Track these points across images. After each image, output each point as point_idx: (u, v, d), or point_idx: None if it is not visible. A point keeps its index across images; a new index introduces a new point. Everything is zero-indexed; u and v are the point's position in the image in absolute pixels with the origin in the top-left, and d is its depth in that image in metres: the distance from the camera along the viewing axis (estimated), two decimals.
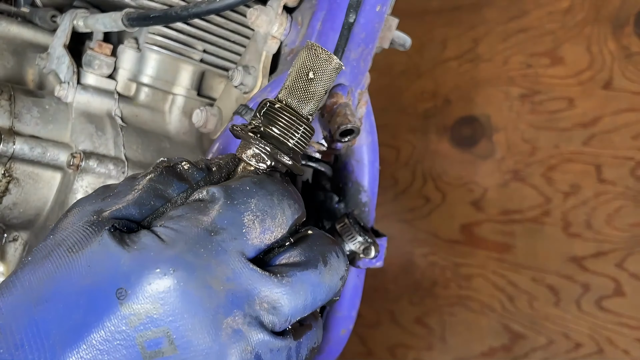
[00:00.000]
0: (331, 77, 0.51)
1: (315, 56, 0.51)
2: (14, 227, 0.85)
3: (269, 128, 0.49)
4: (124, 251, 0.40)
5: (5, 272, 0.87)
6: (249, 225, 0.43)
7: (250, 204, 0.43)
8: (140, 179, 0.47)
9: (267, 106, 0.50)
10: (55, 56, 0.86)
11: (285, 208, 0.45)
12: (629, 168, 1.21)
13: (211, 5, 0.75)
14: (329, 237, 0.48)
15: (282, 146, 0.49)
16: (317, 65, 0.51)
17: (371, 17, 0.78)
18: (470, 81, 1.50)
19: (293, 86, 0.51)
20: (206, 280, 0.40)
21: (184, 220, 0.42)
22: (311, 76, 0.51)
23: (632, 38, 1.23)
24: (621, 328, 1.20)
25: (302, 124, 0.50)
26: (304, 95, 0.51)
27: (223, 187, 0.44)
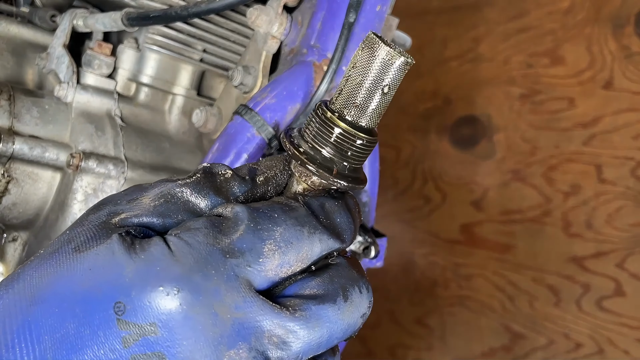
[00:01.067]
0: (400, 78, 0.43)
1: (380, 60, 0.42)
2: (14, 227, 0.84)
3: (322, 145, 0.43)
4: (130, 259, 0.38)
5: (5, 272, 0.87)
6: (268, 254, 0.39)
7: (276, 232, 0.40)
8: (174, 185, 0.43)
9: (323, 116, 0.44)
10: (55, 56, 0.86)
11: (315, 242, 0.41)
12: (629, 168, 1.21)
13: (211, 5, 0.74)
14: (355, 269, 0.44)
15: (338, 163, 0.44)
16: (385, 70, 0.42)
17: (371, 16, 0.78)
18: (470, 81, 1.50)
19: (354, 93, 0.43)
20: (212, 306, 0.37)
21: (200, 234, 0.39)
22: (383, 88, 0.43)
23: (633, 38, 1.23)
24: (621, 328, 1.20)
25: (361, 136, 0.43)
26: (367, 107, 0.43)
27: (249, 209, 0.40)
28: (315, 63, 0.79)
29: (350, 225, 0.44)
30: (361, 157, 0.45)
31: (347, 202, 0.46)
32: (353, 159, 0.44)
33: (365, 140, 0.44)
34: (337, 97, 0.44)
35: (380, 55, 0.42)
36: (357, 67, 0.42)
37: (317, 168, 0.43)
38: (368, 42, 0.42)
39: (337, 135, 0.43)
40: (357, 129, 0.43)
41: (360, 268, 0.45)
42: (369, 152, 0.45)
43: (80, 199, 0.78)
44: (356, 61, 0.43)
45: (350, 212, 0.45)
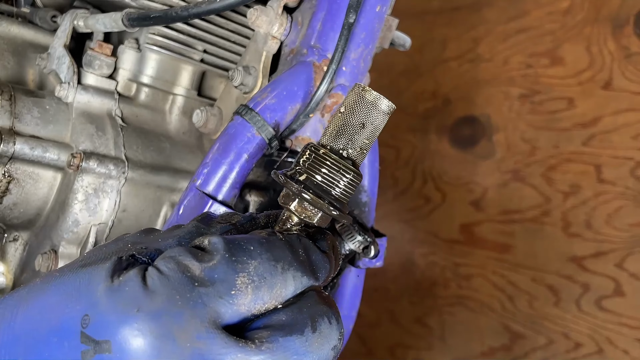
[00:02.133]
0: (383, 122, 0.48)
1: (367, 103, 0.47)
2: (15, 227, 0.85)
3: (312, 176, 0.47)
4: (108, 278, 0.38)
5: (5, 272, 0.87)
6: (240, 288, 0.38)
7: (250, 265, 0.39)
8: (185, 225, 0.46)
9: (311, 152, 0.47)
10: (56, 56, 0.86)
11: (288, 280, 0.41)
12: (629, 168, 1.21)
13: (211, 6, 0.75)
14: (325, 301, 0.43)
15: (326, 195, 0.46)
16: (368, 112, 0.47)
17: (371, 17, 0.78)
18: (470, 81, 1.50)
19: (340, 132, 0.48)
20: (172, 331, 0.36)
21: (173, 262, 0.39)
22: (363, 123, 0.47)
23: (632, 38, 1.23)
24: (621, 328, 1.20)
25: (349, 171, 0.47)
26: (352, 142, 0.47)
27: (226, 240, 0.40)
28: (315, 63, 0.80)
29: (325, 265, 0.44)
30: (349, 190, 0.48)
31: (327, 241, 0.47)
32: (341, 190, 0.47)
33: (354, 174, 0.47)
34: (328, 138, 0.48)
35: (378, 105, 0.47)
36: (352, 111, 0.47)
37: (309, 195, 0.46)
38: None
39: (311, 154, 0.47)
40: (332, 151, 0.47)
41: (331, 300, 0.44)
42: (355, 187, 0.48)
43: (81, 199, 0.78)
44: (350, 106, 0.47)
45: (328, 252, 0.46)
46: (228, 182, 0.74)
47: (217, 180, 0.74)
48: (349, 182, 0.47)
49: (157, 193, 0.85)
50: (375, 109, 0.47)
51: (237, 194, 0.75)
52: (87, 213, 0.79)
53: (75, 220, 0.79)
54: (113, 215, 0.81)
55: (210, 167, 0.74)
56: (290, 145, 0.81)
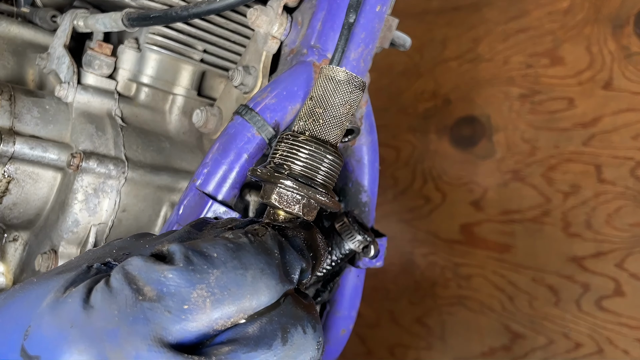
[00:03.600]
0: (354, 98, 0.46)
1: (331, 79, 0.45)
2: (14, 227, 0.85)
3: (291, 164, 0.44)
4: (58, 294, 0.35)
5: (5, 272, 0.87)
6: (196, 302, 0.34)
7: (211, 275, 0.35)
8: (178, 230, 0.43)
9: (287, 139, 0.45)
10: (56, 56, 0.86)
11: (261, 289, 0.36)
12: (629, 168, 1.21)
13: (211, 5, 0.75)
14: (302, 306, 0.39)
15: (310, 182, 0.44)
16: (334, 89, 0.45)
17: (371, 17, 0.78)
18: (470, 81, 1.50)
19: (311, 114, 0.46)
20: (104, 350, 0.32)
21: (122, 273, 0.35)
22: (333, 101, 0.45)
23: (632, 38, 1.23)
24: (621, 328, 1.20)
25: (329, 152, 0.45)
26: (325, 123, 0.45)
27: (186, 247, 0.36)
28: (315, 63, 0.79)
29: (300, 263, 0.40)
30: (333, 172, 0.45)
31: (299, 235, 0.42)
32: (310, 165, 0.45)
33: (334, 154, 0.45)
34: (300, 124, 0.46)
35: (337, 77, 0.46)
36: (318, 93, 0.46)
37: (293, 182, 0.43)
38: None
39: (288, 140, 0.45)
40: (311, 136, 0.45)
41: (308, 305, 0.40)
42: (338, 169, 0.46)
43: (80, 199, 0.78)
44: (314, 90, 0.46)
45: (303, 247, 0.41)
46: (228, 182, 0.74)
47: (217, 180, 0.74)
48: (330, 164, 0.45)
49: (157, 193, 0.85)
50: (340, 84, 0.45)
51: (237, 194, 0.75)
52: (87, 213, 0.79)
53: (75, 220, 0.79)
54: (113, 215, 0.81)
55: (210, 167, 0.74)
56: None
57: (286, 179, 0.43)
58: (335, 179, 0.45)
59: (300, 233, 0.42)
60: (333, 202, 0.44)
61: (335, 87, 0.45)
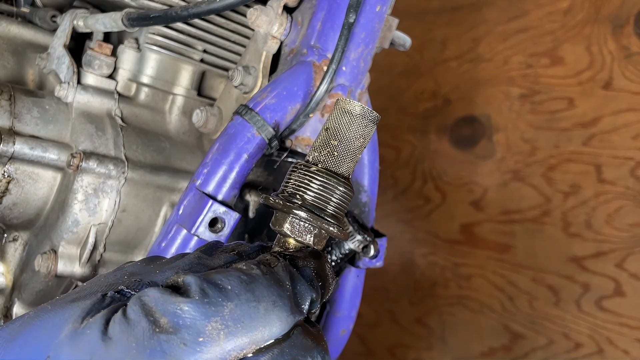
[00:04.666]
0: (368, 132, 0.46)
1: (347, 112, 0.46)
2: (14, 227, 0.85)
3: (303, 194, 0.45)
4: (79, 319, 0.36)
5: (5, 272, 0.87)
6: (210, 334, 0.35)
7: (225, 308, 0.36)
8: (188, 254, 0.43)
9: (301, 169, 0.46)
10: (56, 56, 0.86)
11: (273, 321, 0.37)
12: (629, 168, 1.21)
13: (211, 5, 0.75)
14: (312, 337, 0.40)
15: (321, 213, 0.45)
16: (349, 123, 0.46)
17: (371, 17, 0.78)
18: (470, 81, 1.50)
19: (325, 146, 0.46)
20: None
21: (140, 305, 0.36)
22: (348, 134, 0.46)
23: (632, 38, 1.23)
24: (621, 328, 1.20)
25: (340, 184, 0.45)
26: (339, 155, 0.46)
27: (201, 279, 0.37)
28: (315, 63, 0.79)
29: (310, 294, 0.41)
30: (343, 203, 0.46)
31: (309, 265, 0.43)
32: (334, 206, 0.45)
33: (345, 186, 0.46)
34: (314, 154, 0.46)
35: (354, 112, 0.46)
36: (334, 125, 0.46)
37: (303, 212, 0.44)
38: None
39: (301, 171, 0.45)
40: (324, 168, 0.45)
41: (319, 336, 0.41)
42: (349, 200, 0.46)
43: (80, 199, 0.78)
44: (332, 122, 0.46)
45: (313, 277, 0.42)
46: (228, 182, 0.74)
47: (217, 180, 0.73)
48: (342, 195, 0.46)
49: (157, 193, 0.85)
50: (355, 118, 0.45)
51: (237, 194, 0.75)
52: (87, 213, 0.79)
53: (75, 220, 0.79)
54: (113, 215, 0.81)
55: (210, 167, 0.74)
56: (290, 145, 0.81)
57: (299, 209, 0.45)
58: (345, 209, 0.47)
59: (310, 263, 0.43)
60: (344, 233, 0.46)
61: (350, 120, 0.45)
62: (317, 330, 0.42)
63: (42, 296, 0.85)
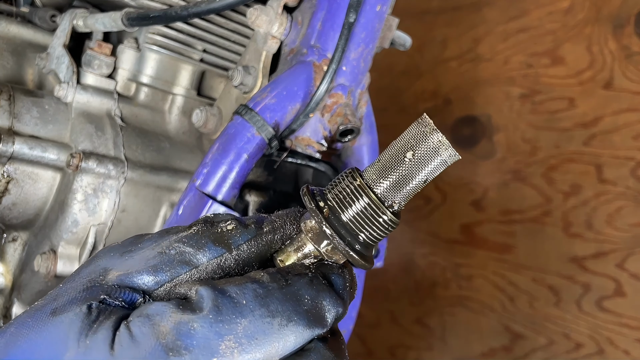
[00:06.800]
0: (437, 169, 0.40)
1: (429, 142, 0.39)
2: (14, 227, 0.84)
3: (343, 210, 0.40)
4: (75, 344, 0.34)
5: (4, 272, 0.87)
6: (224, 353, 0.34)
7: (239, 325, 0.34)
8: (171, 239, 0.40)
9: (347, 180, 0.41)
10: (55, 56, 0.86)
11: (287, 336, 0.35)
12: (630, 168, 1.21)
13: (211, 5, 0.74)
14: (334, 352, 0.38)
15: (350, 236, 0.40)
16: (428, 152, 0.39)
17: (371, 16, 0.78)
18: (470, 81, 1.50)
19: (387, 168, 0.41)
20: None
21: (148, 324, 0.34)
22: (419, 174, 0.40)
23: (633, 38, 1.22)
24: (621, 328, 1.20)
25: (383, 215, 0.40)
26: (398, 183, 0.40)
27: (215, 292, 0.35)
28: (315, 63, 0.79)
29: (337, 308, 0.39)
30: (379, 235, 0.41)
31: (344, 276, 0.41)
32: (370, 233, 0.41)
33: (389, 219, 0.41)
34: (375, 171, 0.41)
35: (442, 156, 0.39)
36: (415, 156, 0.40)
37: (332, 231, 0.40)
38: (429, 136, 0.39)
39: (365, 204, 0.40)
40: (385, 205, 0.40)
41: (340, 349, 0.39)
42: (387, 233, 0.42)
43: (80, 199, 0.78)
44: (412, 145, 0.40)
45: (345, 289, 0.40)
46: (228, 182, 0.74)
47: (216, 180, 0.73)
48: (381, 227, 0.40)
49: (157, 193, 0.85)
50: (439, 156, 0.39)
51: (236, 194, 0.75)
52: (87, 213, 0.79)
53: (74, 220, 0.79)
54: (112, 215, 0.81)
55: (210, 167, 0.74)
56: (290, 145, 0.80)
57: (329, 227, 0.40)
58: (381, 238, 0.42)
59: (340, 273, 0.41)
60: (368, 266, 0.42)
61: (433, 160, 0.40)
62: (339, 339, 0.40)
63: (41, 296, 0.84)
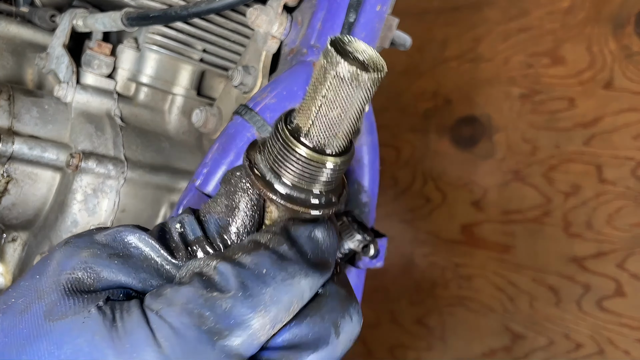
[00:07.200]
0: (353, 96, 0.34)
1: (335, 63, 0.33)
2: (13, 227, 0.84)
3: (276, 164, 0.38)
4: (112, 346, 0.34)
5: (4, 272, 0.87)
6: (257, 323, 0.36)
7: (265, 295, 0.36)
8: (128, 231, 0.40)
9: (277, 128, 0.38)
10: (55, 56, 0.86)
11: (305, 291, 0.37)
12: (630, 168, 1.21)
13: (211, 5, 0.74)
14: (344, 295, 0.40)
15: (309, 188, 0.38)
16: (331, 79, 0.34)
17: (371, 16, 0.78)
18: (470, 81, 1.50)
19: (303, 104, 0.37)
20: None
21: (185, 314, 0.35)
22: (323, 93, 0.35)
23: (633, 38, 1.22)
24: (622, 328, 1.20)
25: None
26: (318, 119, 0.36)
27: (236, 269, 0.36)
28: (315, 63, 0.79)
29: (335, 249, 0.41)
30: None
31: (330, 224, 0.42)
32: (326, 183, 0.39)
33: (336, 163, 0.38)
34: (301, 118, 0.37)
35: (341, 74, 0.34)
36: (322, 89, 0.35)
37: (291, 204, 0.38)
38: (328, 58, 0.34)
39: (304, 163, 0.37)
40: (324, 154, 0.37)
41: (349, 286, 0.41)
42: (342, 172, 0.40)
43: (79, 199, 0.78)
44: (318, 81, 0.35)
45: (334, 234, 0.41)
46: None
47: (216, 180, 0.73)
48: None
49: (157, 193, 0.84)
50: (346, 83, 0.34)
51: None
52: (86, 213, 0.79)
53: (74, 220, 0.78)
54: (112, 215, 0.81)
55: (210, 167, 0.74)
56: None
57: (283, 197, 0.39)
58: (341, 175, 0.41)
59: (327, 226, 0.41)
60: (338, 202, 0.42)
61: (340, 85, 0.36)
62: (343, 276, 0.42)
63: None
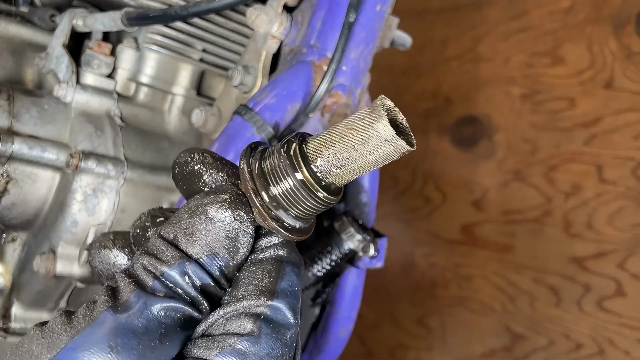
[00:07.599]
0: (382, 157, 0.37)
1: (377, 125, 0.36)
2: (13, 227, 0.84)
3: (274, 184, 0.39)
4: None
5: (4, 273, 0.86)
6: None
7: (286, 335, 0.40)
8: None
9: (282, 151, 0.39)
10: (54, 56, 0.86)
11: None
12: (630, 168, 1.21)
13: (211, 5, 0.74)
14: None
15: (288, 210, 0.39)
16: (373, 135, 0.36)
17: (371, 16, 0.77)
18: (470, 81, 1.50)
19: (328, 139, 0.37)
20: None
21: (235, 356, 0.38)
22: (357, 146, 0.36)
23: (633, 38, 1.22)
24: (622, 329, 1.20)
25: (321, 194, 0.38)
26: (338, 161, 0.37)
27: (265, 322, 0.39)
28: (315, 63, 0.79)
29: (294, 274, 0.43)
30: (311, 212, 0.39)
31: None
32: (301, 210, 0.39)
33: (323, 199, 0.39)
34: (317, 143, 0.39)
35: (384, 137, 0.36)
36: (355, 134, 0.37)
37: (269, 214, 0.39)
38: (375, 113, 0.36)
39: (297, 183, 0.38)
40: (321, 184, 0.38)
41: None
42: (320, 210, 0.40)
43: (79, 199, 0.78)
44: (355, 126, 0.37)
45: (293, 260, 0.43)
46: None
47: None
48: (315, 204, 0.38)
49: (156, 193, 0.84)
50: (377, 134, 0.37)
51: None
52: (86, 213, 0.79)
53: (74, 220, 0.78)
54: (112, 215, 0.81)
55: None
56: None
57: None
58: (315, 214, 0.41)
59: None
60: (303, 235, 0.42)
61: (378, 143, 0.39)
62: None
63: (41, 296, 0.84)
